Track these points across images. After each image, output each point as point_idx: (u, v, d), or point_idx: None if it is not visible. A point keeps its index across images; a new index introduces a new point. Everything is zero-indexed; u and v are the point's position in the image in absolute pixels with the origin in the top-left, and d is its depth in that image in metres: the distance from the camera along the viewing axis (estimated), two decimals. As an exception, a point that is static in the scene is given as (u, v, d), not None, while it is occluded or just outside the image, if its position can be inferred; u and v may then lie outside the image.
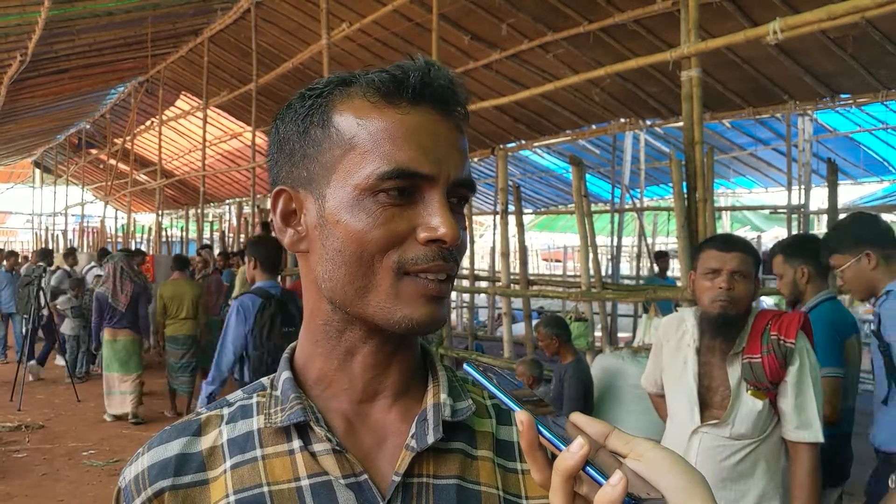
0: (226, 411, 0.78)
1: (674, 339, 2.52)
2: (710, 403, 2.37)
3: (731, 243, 2.42)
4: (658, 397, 2.72)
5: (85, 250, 17.84)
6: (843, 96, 8.09)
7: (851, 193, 14.39)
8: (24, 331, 9.40)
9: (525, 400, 0.63)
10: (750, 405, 2.30)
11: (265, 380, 0.81)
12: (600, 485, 0.53)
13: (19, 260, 12.45)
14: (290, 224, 0.76)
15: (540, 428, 0.57)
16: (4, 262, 11.62)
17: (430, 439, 0.72)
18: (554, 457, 0.56)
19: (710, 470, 2.30)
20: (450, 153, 0.72)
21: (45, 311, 9.61)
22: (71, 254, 11.62)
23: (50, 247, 17.53)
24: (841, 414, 2.87)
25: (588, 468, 0.54)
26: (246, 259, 4.70)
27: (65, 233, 24.11)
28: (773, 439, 2.35)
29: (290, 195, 0.76)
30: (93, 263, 10.65)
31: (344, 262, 0.71)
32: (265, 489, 0.71)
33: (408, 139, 0.70)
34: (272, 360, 3.98)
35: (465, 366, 0.64)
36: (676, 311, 3.39)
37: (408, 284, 0.70)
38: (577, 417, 0.59)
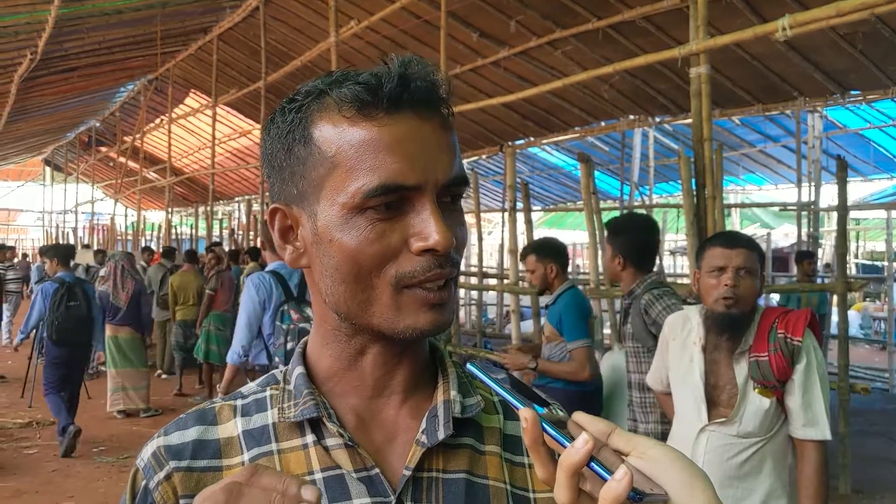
0: (239, 403, 0.79)
1: (679, 338, 2.51)
2: (718, 402, 2.37)
3: (735, 240, 2.41)
4: (664, 395, 2.72)
5: (95, 247, 17.90)
6: (852, 93, 8.04)
7: (861, 190, 14.32)
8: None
9: (530, 398, 0.64)
10: (757, 403, 2.29)
11: (278, 373, 0.82)
12: (605, 480, 0.54)
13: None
14: (289, 241, 0.77)
15: (544, 425, 0.58)
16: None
17: (441, 435, 0.73)
18: (558, 454, 0.57)
19: (717, 468, 2.31)
20: (437, 157, 0.70)
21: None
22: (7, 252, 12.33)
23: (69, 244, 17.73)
24: (593, 375, 3.62)
25: (593, 464, 0.55)
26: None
27: (75, 230, 24.24)
28: (780, 437, 2.35)
29: (284, 213, 0.76)
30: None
31: (343, 280, 0.71)
32: None
33: (389, 152, 0.68)
34: (58, 322, 6.23)
35: (468, 365, 0.65)
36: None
37: (408, 296, 0.70)
38: (580, 416, 0.59)
